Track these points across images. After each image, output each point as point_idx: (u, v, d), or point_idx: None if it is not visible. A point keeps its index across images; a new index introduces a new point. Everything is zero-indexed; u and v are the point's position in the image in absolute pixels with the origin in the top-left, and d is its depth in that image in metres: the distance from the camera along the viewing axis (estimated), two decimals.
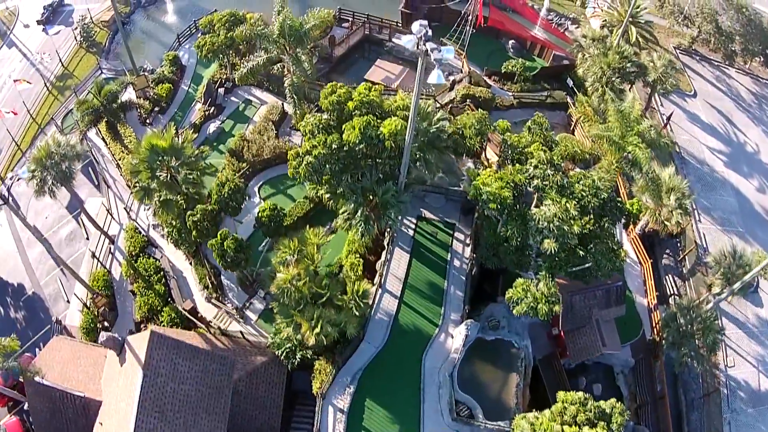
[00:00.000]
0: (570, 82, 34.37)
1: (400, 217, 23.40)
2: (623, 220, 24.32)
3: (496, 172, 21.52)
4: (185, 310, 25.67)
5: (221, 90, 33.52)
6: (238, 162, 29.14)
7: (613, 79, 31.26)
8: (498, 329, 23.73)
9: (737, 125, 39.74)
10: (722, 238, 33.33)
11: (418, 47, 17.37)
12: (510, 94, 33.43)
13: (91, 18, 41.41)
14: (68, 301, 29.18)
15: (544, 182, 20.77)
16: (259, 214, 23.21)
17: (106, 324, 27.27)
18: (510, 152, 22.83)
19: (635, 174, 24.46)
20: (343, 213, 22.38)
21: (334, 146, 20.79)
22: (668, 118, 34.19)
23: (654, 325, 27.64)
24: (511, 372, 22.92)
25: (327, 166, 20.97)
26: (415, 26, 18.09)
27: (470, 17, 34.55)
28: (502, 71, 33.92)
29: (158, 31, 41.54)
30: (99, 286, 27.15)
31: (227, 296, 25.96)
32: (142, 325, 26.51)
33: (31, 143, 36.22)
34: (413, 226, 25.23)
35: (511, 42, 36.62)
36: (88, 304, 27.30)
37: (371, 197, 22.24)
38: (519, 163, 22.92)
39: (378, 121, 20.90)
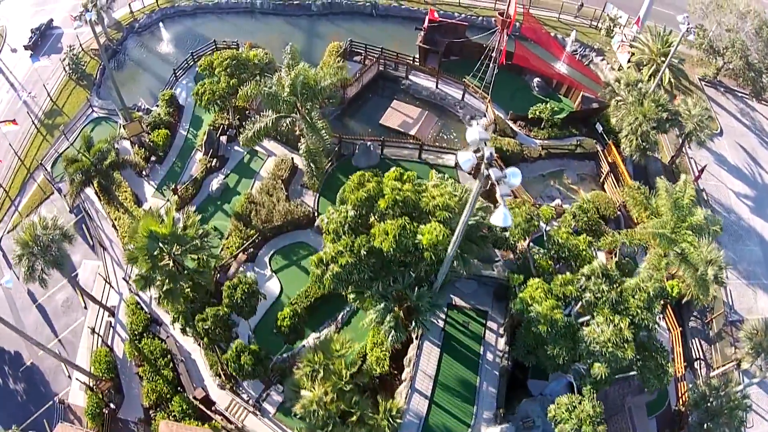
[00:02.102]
0: (600, 128, 30.52)
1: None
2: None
3: (542, 279, 18.17)
4: (197, 400, 22.56)
5: (223, 138, 29.10)
6: (246, 228, 25.31)
7: (648, 130, 27.63)
8: (532, 429, 21.13)
9: (762, 164, 36.26)
10: (747, 292, 30.66)
11: (476, 171, 13.66)
12: (537, 142, 29.54)
13: (80, 45, 35.98)
14: (69, 377, 25.90)
15: (597, 296, 17.61)
16: (279, 323, 19.76)
17: (112, 406, 24.12)
18: (556, 250, 19.46)
19: (686, 271, 21.28)
20: (370, 316, 19.09)
21: (363, 252, 17.21)
22: (701, 171, 30.66)
23: (680, 395, 25.29)
24: None
25: (355, 274, 17.45)
26: (472, 134, 14.12)
27: (494, 54, 30.20)
28: (529, 117, 29.92)
29: (153, 61, 36.34)
30: (102, 369, 23.78)
31: (242, 385, 22.83)
32: (151, 411, 23.38)
33: (20, 190, 31.77)
34: (443, 316, 21.95)
35: (536, 80, 32.26)
36: (91, 386, 24.07)
37: (403, 299, 18.95)
38: (564, 260, 19.70)
39: (414, 225, 17.25)
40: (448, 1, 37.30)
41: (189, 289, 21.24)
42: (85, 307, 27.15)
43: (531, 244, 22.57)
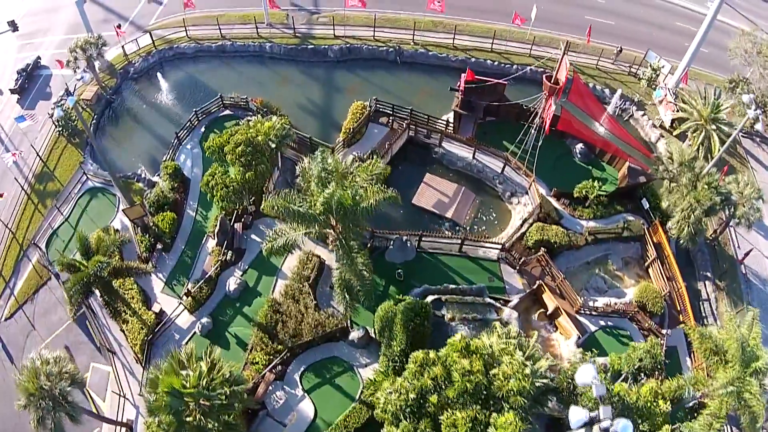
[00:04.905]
0: (646, 204, 26.47)
1: None
2: None
3: None
4: None
5: (238, 225, 24.07)
6: (271, 342, 21.07)
7: (701, 216, 23.77)
8: None
9: None
10: None
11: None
12: (582, 224, 25.43)
13: (69, 87, 29.86)
14: None
15: None
16: None
17: None
18: (620, 406, 16.12)
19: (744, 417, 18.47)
20: None
21: None
22: (746, 255, 27.05)
23: None
24: None
25: None
26: (583, 376, 10.27)
27: (537, 120, 25.46)
28: (575, 195, 25.61)
29: (152, 115, 30.19)
30: None
31: None
32: None
33: (14, 269, 26.71)
34: None
35: (579, 146, 27.46)
36: None
37: None
38: (627, 417, 16.48)
39: (485, 413, 13.56)
40: (479, 47, 31.53)
41: None
42: (100, 419, 23.38)
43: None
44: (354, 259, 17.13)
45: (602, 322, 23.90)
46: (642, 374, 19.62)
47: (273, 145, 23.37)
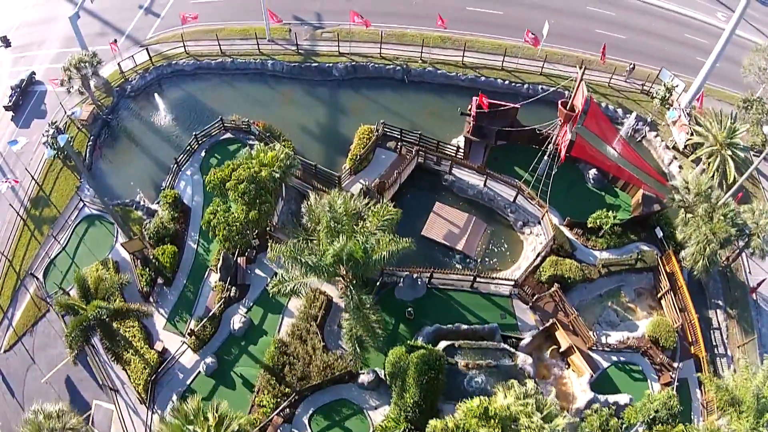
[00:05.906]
0: (660, 233, 25.44)
1: None
2: None
3: None
4: None
5: (241, 259, 22.89)
6: (278, 384, 20.14)
7: (716, 249, 22.83)
8: None
9: None
10: None
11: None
12: (596, 255, 24.35)
13: (65, 112, 28.12)
14: None
15: None
16: None
17: None
18: None
19: None
20: None
21: None
22: (758, 285, 26.15)
23: None
24: None
25: None
26: None
27: (552, 146, 24.25)
28: (588, 225, 24.48)
29: (150, 137, 28.53)
30: None
31: None
32: None
33: (11, 299, 25.49)
34: None
35: (592, 171, 26.22)
36: None
37: None
38: None
39: None
40: (489, 64, 29.91)
41: None
42: None
43: None
44: (366, 315, 16.10)
45: (614, 358, 23.11)
46: (657, 422, 18.97)
47: (277, 176, 22.19)
